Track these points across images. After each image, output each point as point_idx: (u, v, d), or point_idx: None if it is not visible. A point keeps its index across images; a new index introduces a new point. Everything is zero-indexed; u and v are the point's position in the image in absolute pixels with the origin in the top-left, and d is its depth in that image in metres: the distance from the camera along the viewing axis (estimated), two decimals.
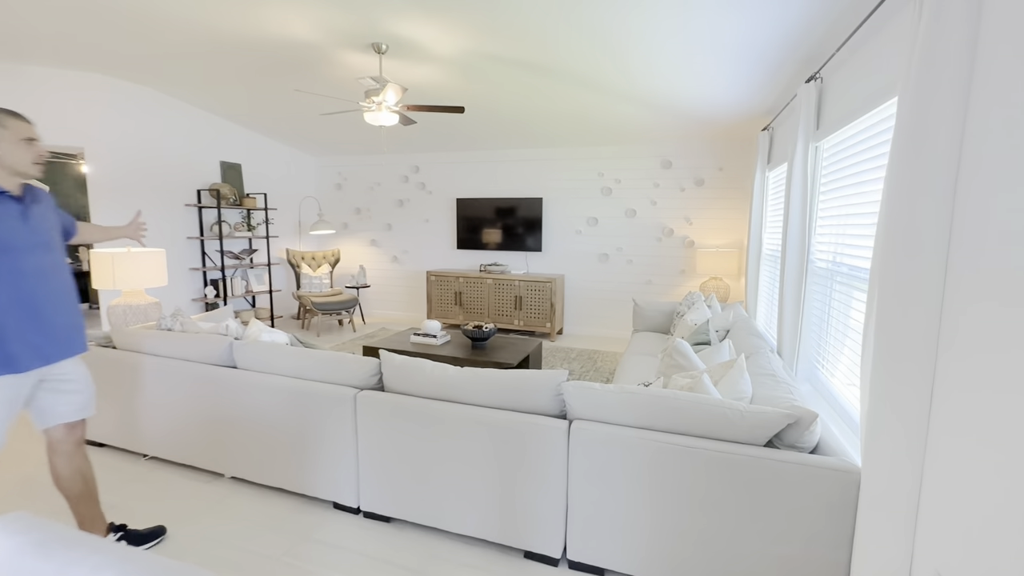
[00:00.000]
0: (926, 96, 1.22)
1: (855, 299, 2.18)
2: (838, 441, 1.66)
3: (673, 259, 5.37)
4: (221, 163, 5.47)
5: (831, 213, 2.48)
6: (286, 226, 6.43)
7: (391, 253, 6.64)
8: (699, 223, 5.24)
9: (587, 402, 1.78)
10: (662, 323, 4.15)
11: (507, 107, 4.45)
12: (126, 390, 2.56)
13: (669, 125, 4.65)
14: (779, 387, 1.89)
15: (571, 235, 5.74)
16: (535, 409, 1.89)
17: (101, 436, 2.69)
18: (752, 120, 4.27)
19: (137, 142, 4.65)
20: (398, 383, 2.09)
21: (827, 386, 2.39)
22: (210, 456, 2.41)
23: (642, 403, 1.71)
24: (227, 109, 5.11)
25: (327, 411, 2.11)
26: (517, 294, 5.54)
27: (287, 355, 2.28)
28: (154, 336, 2.56)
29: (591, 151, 5.53)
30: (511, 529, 1.87)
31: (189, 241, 5.19)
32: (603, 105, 4.22)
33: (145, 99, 4.65)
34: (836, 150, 2.45)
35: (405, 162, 6.38)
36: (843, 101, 2.33)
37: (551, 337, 5.50)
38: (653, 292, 5.48)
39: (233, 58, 3.70)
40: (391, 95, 3.33)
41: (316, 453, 2.16)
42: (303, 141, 6.14)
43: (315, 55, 3.58)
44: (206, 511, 2.17)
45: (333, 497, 2.17)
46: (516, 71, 3.63)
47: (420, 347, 3.79)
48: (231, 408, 2.31)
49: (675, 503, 1.64)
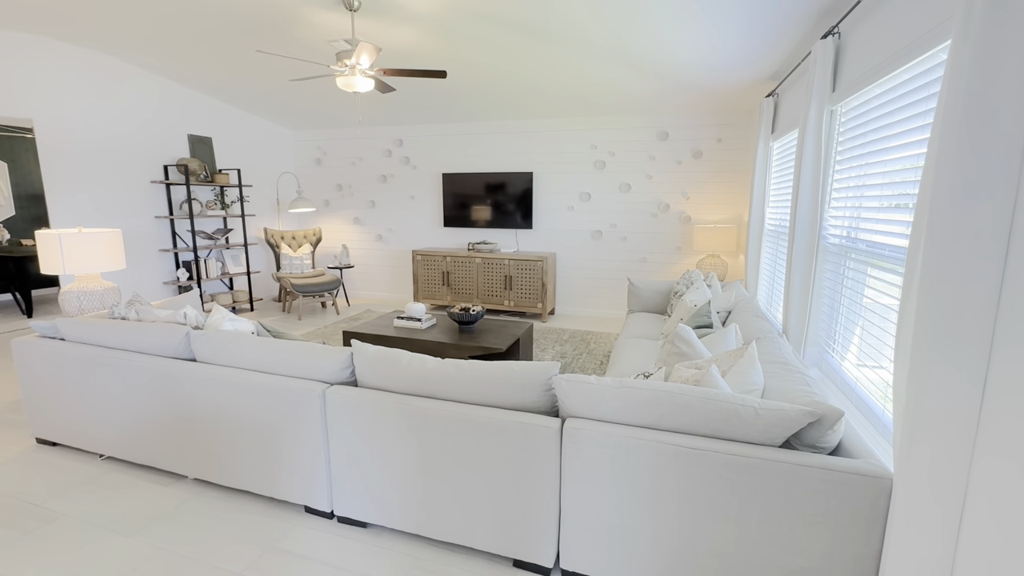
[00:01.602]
0: (994, 40, 0.99)
1: (872, 277, 1.99)
2: (859, 438, 1.49)
3: (669, 236, 5.16)
4: (189, 136, 5.13)
5: (847, 184, 2.27)
6: (263, 204, 6.12)
7: (375, 231, 6.36)
8: (696, 198, 5.02)
9: (582, 398, 1.58)
10: (658, 303, 3.97)
11: (493, 73, 4.15)
12: (77, 385, 2.33)
13: (667, 93, 4.37)
14: (793, 377, 1.71)
15: (563, 211, 5.50)
16: (524, 405, 1.69)
17: (53, 434, 2.47)
18: (756, 86, 4.01)
19: (94, 114, 4.30)
20: (372, 377, 1.88)
21: (838, 371, 2.22)
22: (170, 456, 2.20)
23: (643, 399, 1.51)
24: (194, 78, 4.74)
25: (294, 408, 1.90)
26: (507, 273, 5.32)
27: (250, 346, 2.05)
28: (104, 326, 2.32)
29: (584, 122, 5.24)
30: (499, 536, 1.70)
31: (157, 220, 4.89)
32: (596, 70, 3.94)
33: (100, 65, 4.28)
34: (855, 114, 2.22)
35: (388, 135, 6.05)
36: (865, 58, 2.09)
37: (543, 318, 5.31)
38: (648, 270, 5.29)
39: (193, 18, 3.35)
40: (364, 58, 3.03)
41: (284, 454, 1.96)
42: (279, 114, 5.78)
43: (280, 15, 3.25)
44: (163, 518, 1.98)
45: (304, 501, 1.98)
46: (502, 32, 3.33)
47: (404, 331, 3.58)
48: (191, 405, 2.10)
49: (680, 510, 1.46)
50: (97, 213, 4.37)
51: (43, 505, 2.05)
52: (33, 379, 2.44)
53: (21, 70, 3.87)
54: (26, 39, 3.85)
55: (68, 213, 4.18)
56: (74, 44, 4.05)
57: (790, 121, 3.25)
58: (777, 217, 3.60)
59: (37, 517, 1.97)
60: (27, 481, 2.23)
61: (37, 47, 3.90)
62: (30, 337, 2.45)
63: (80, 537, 1.85)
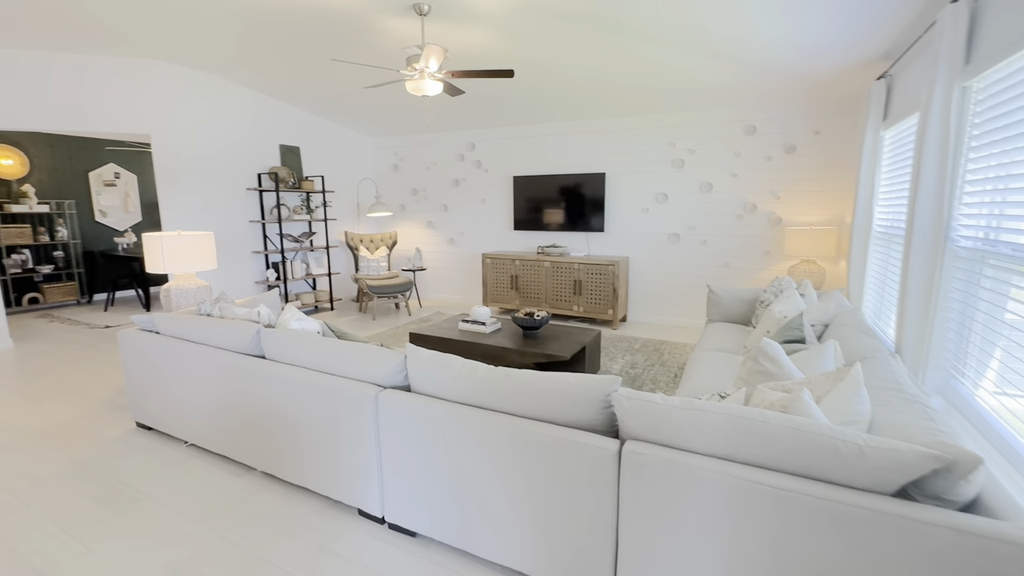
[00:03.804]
0: None
1: (1018, 287, 1.62)
2: (1003, 491, 1.17)
3: (756, 239, 4.71)
4: (280, 146, 5.51)
5: (985, 175, 1.88)
6: (345, 208, 6.44)
7: (447, 235, 6.46)
8: (789, 197, 4.53)
9: (644, 418, 1.41)
10: (742, 313, 3.61)
11: (563, 72, 4.02)
12: (167, 375, 2.52)
13: (754, 83, 3.99)
14: (910, 409, 1.41)
15: (637, 213, 5.22)
16: (580, 422, 1.54)
17: (149, 419, 2.70)
18: (862, 67, 3.53)
19: (201, 128, 4.74)
20: (424, 382, 1.83)
21: (970, 401, 1.83)
22: (242, 448, 2.30)
23: (717, 424, 1.31)
24: (283, 91, 5.09)
25: (349, 410, 1.90)
26: (576, 278, 5.14)
27: (311, 346, 2.09)
28: (190, 321, 2.49)
29: (660, 119, 4.95)
30: (550, 563, 1.56)
31: (251, 224, 5.29)
32: (672, 61, 3.67)
33: (203, 84, 4.71)
34: (995, 90, 1.83)
35: (460, 139, 6.12)
36: (1012, 21, 1.71)
37: (613, 325, 5.07)
38: (731, 277, 4.87)
39: (271, 30, 3.57)
40: (432, 61, 3.03)
41: (340, 454, 1.96)
42: (360, 122, 6.06)
43: (355, 24, 3.36)
44: (230, 507, 2.06)
45: (357, 504, 1.97)
46: (571, 27, 3.20)
47: (467, 335, 3.54)
48: (259, 400, 2.18)
49: (758, 560, 1.24)
50: (201, 218, 4.81)
51: (134, 486, 2.22)
52: (134, 368, 2.69)
53: (141, 91, 4.36)
54: (145, 63, 4.32)
55: (177, 218, 4.63)
56: (183, 65, 4.49)
57: (907, 105, 2.80)
58: (889, 217, 3.12)
59: (127, 496, 2.14)
60: (124, 460, 2.44)
61: (154, 70, 4.37)
62: (132, 330, 2.70)
63: (158, 521, 1.98)
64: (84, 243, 6.56)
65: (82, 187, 6.57)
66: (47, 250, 6.29)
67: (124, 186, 6.95)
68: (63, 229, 6.31)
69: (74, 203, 6.45)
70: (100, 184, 6.72)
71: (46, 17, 3.33)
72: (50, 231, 6.26)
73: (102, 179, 6.74)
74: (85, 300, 6.58)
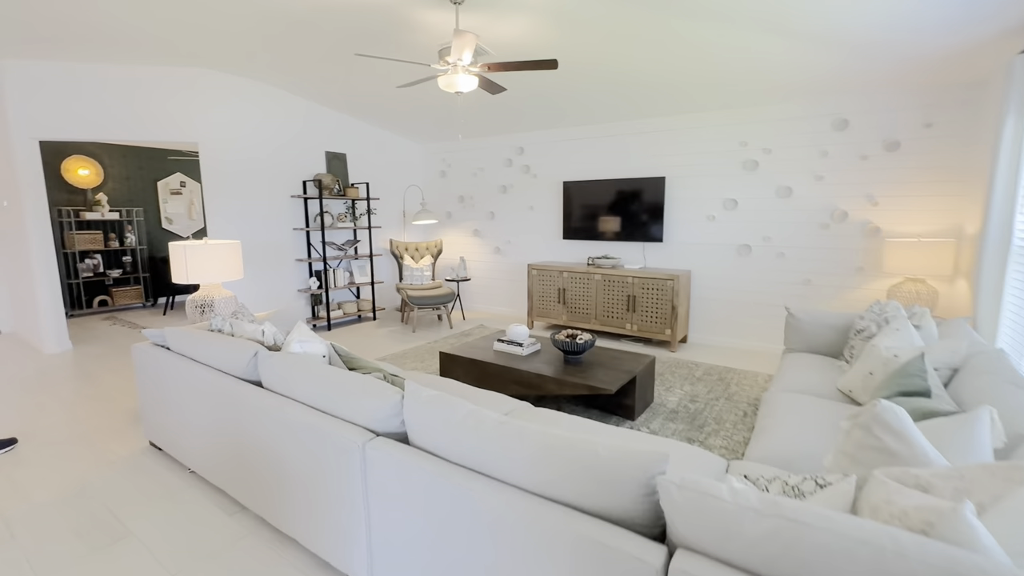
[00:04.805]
0: None
1: None
2: None
3: (847, 252, 4.01)
4: (326, 153, 5.45)
5: None
6: (390, 216, 6.31)
7: (493, 244, 6.16)
8: (889, 203, 3.82)
9: (703, 520, 0.97)
10: (830, 343, 2.99)
11: (616, 64, 3.59)
12: (173, 396, 2.35)
13: (847, 69, 3.36)
14: None
15: (701, 222, 4.65)
16: (610, 511, 1.13)
17: (159, 440, 2.55)
18: (990, 43, 2.84)
19: (248, 135, 4.73)
20: (422, 431, 1.48)
21: None
22: (236, 483, 2.06)
23: (822, 546, 0.85)
24: (323, 95, 5.00)
25: (335, 459, 1.58)
26: (630, 293, 4.65)
27: (303, 375, 1.81)
28: (193, 338, 2.30)
29: (730, 115, 4.37)
30: None
31: (295, 232, 5.24)
32: (744, 46, 3.14)
33: (249, 91, 4.69)
34: None
35: (508, 143, 5.81)
36: None
37: (671, 347, 4.52)
38: (814, 297, 4.19)
39: (305, 32, 3.41)
40: (466, 52, 2.72)
41: (327, 510, 1.65)
42: (407, 127, 5.91)
43: (386, 19, 3.12)
44: (212, 556, 1.81)
45: (344, 568, 1.64)
46: (624, 8, 2.78)
47: (502, 357, 3.18)
48: (251, 433, 1.92)
49: None
50: (245, 225, 4.79)
51: (122, 519, 2.03)
52: (146, 385, 2.55)
53: (190, 99, 4.39)
54: (195, 72, 4.35)
55: (222, 225, 4.63)
56: (229, 72, 4.49)
57: None
58: None
59: (111, 532, 1.95)
60: (124, 485, 2.28)
61: (202, 79, 4.39)
62: (144, 344, 2.57)
63: (133, 568, 1.75)
64: (150, 248, 6.87)
65: (151, 195, 6.89)
66: (117, 255, 6.63)
67: (189, 194, 7.24)
68: (131, 235, 6.63)
69: (142, 210, 6.77)
70: (167, 192, 7.03)
71: (117, 33, 3.36)
72: (120, 237, 6.59)
73: (169, 187, 7.04)
74: (150, 303, 6.88)
